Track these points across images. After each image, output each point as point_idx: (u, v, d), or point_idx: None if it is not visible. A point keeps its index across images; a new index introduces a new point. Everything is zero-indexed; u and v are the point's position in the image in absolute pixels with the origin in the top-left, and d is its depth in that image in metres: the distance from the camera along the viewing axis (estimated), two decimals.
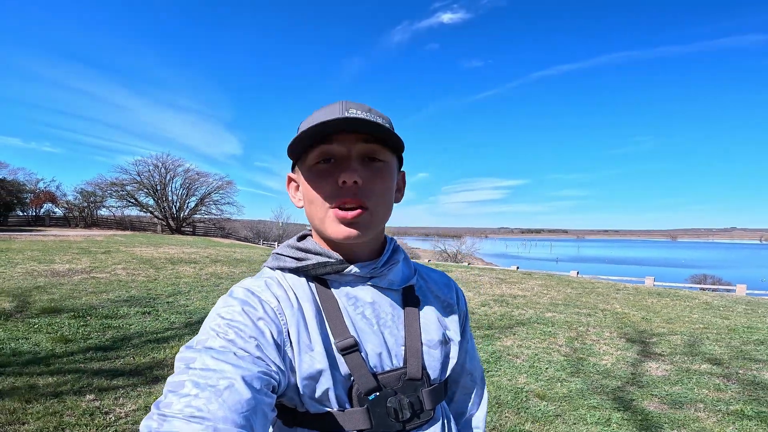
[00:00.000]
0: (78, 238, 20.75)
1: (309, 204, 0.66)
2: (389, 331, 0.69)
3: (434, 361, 0.71)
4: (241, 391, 0.50)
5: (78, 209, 38.88)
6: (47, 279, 7.78)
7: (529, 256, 61.58)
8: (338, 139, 0.63)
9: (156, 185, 39.91)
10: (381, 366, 0.66)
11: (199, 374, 0.50)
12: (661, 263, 48.24)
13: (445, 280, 0.84)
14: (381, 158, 0.66)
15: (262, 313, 0.61)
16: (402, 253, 0.76)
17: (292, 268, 0.69)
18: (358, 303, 0.68)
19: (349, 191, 0.62)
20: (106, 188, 38.85)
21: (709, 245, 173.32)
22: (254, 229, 48.35)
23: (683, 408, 2.99)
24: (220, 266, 10.90)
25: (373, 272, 0.69)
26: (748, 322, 5.99)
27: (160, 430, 0.45)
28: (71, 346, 3.86)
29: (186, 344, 0.57)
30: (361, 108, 0.64)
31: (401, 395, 0.66)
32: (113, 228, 37.12)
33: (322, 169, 0.64)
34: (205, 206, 42.35)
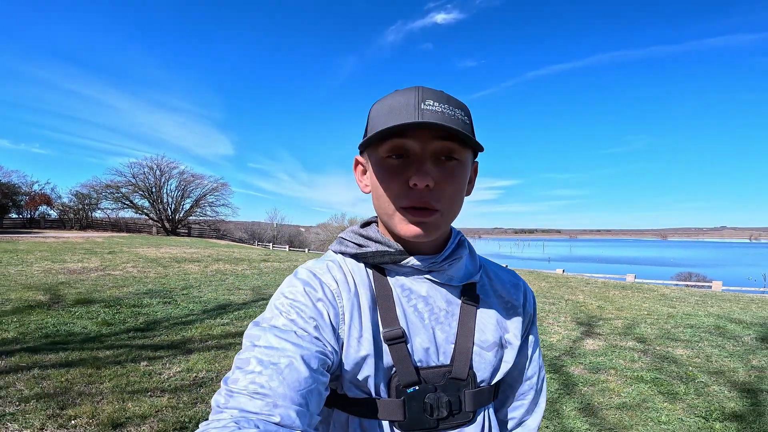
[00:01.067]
0: (78, 239, 21.35)
1: (376, 197, 0.65)
2: (441, 327, 0.67)
3: (484, 363, 0.69)
4: (300, 370, 0.52)
5: (73, 211, 39.20)
6: (67, 276, 8.53)
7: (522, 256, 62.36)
8: (413, 135, 0.60)
9: (151, 187, 40.23)
10: (426, 361, 0.66)
11: (263, 352, 0.53)
12: (650, 262, 49.27)
13: (514, 280, 0.80)
14: (456, 157, 0.62)
15: (321, 295, 0.63)
16: (467, 249, 0.74)
17: (352, 253, 0.69)
18: (412, 295, 0.68)
19: (419, 194, 0.60)
20: (101, 190, 39.15)
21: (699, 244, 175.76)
22: (249, 230, 48.83)
23: (598, 373, 3.79)
24: (222, 264, 11.69)
25: (432, 266, 0.68)
26: (692, 310, 6.89)
27: (227, 405, 0.49)
28: (113, 329, 4.67)
29: (254, 321, 0.60)
30: (437, 98, 0.60)
31: (441, 393, 0.65)
32: (108, 230, 37.48)
33: (393, 165, 0.62)
34: (200, 208, 42.74)
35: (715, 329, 5.37)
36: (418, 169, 0.59)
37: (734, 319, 6.05)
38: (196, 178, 42.30)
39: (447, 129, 0.57)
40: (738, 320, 5.95)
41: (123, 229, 38.70)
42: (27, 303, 5.67)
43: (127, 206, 40.79)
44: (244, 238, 43.02)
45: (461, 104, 0.63)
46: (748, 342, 4.74)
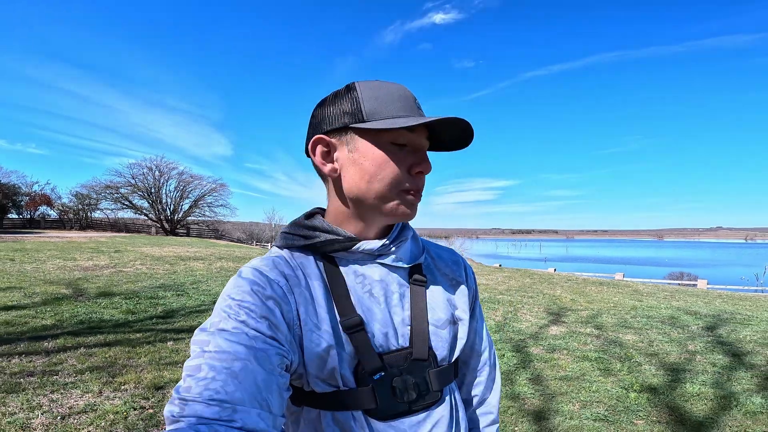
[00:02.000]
0: (82, 239, 21.89)
1: (372, 178, 0.65)
2: (395, 310, 0.68)
3: (441, 342, 0.70)
4: (256, 372, 0.51)
5: (73, 211, 39.67)
6: (82, 272, 9.14)
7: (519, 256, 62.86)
8: (416, 131, 0.65)
9: (150, 188, 40.65)
10: (387, 345, 0.66)
11: (214, 357, 0.51)
12: (645, 262, 49.92)
13: (454, 257, 0.82)
14: (428, 150, 0.70)
15: (270, 293, 0.60)
16: (410, 231, 0.75)
17: (299, 245, 0.68)
18: (366, 281, 0.68)
19: (420, 181, 0.67)
20: (101, 191, 39.57)
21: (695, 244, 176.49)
22: (247, 230, 49.34)
23: (553, 353, 4.42)
24: (225, 262, 12.33)
25: (381, 250, 0.68)
26: (656, 303, 7.57)
27: (182, 414, 0.47)
28: (137, 316, 5.30)
29: (200, 326, 0.58)
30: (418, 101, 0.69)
31: (407, 376, 0.65)
32: (108, 230, 37.96)
33: (398, 153, 0.65)
34: (198, 208, 43.19)
35: (669, 319, 6.05)
36: (424, 159, 0.66)
37: (691, 311, 6.73)
38: (195, 178, 42.80)
39: (469, 130, 0.66)
40: (694, 312, 6.63)
41: (122, 229, 39.17)
42: (53, 296, 6.30)
43: (127, 207, 41.22)
44: (243, 239, 43.52)
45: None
46: (693, 330, 5.41)
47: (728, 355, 4.28)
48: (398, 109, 0.64)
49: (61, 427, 2.45)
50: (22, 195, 38.39)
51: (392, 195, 0.66)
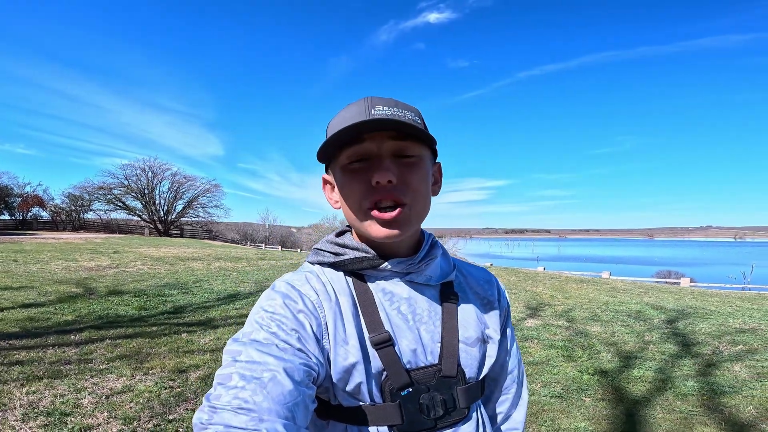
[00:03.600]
0: (78, 240, 22.16)
1: (343, 204, 0.67)
2: (425, 327, 0.68)
3: (471, 359, 0.70)
4: (284, 383, 0.52)
5: (65, 213, 39.71)
6: (87, 272, 9.56)
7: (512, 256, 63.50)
8: (369, 138, 0.62)
9: (144, 189, 40.71)
10: (415, 362, 0.66)
11: (245, 366, 0.53)
12: (636, 261, 50.75)
13: (487, 276, 0.82)
14: (413, 153, 0.65)
15: (302, 306, 0.63)
16: (440, 249, 0.75)
17: (330, 262, 0.70)
18: (394, 298, 0.69)
19: (383, 190, 0.62)
20: (94, 192, 39.59)
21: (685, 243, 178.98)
22: (241, 231, 49.55)
23: (526, 342, 4.94)
24: (223, 262, 12.78)
25: (409, 268, 0.69)
26: (628, 299, 8.15)
27: (210, 422, 0.49)
28: (149, 312, 5.78)
29: (233, 337, 0.60)
30: (386, 104, 0.64)
31: (434, 392, 0.66)
32: (101, 231, 38.06)
33: (355, 169, 0.64)
34: (192, 209, 43.41)
35: (636, 313, 6.63)
36: (378, 166, 0.62)
37: (658, 306, 7.32)
38: (189, 179, 42.98)
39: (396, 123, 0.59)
40: (660, 307, 7.21)
41: (115, 230, 39.28)
42: (66, 294, 6.75)
43: (120, 208, 41.27)
44: (237, 239, 43.71)
45: (411, 107, 0.67)
46: (654, 323, 5.98)
47: (678, 345, 4.85)
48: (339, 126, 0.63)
49: (107, 404, 2.93)
50: (15, 196, 38.40)
51: (360, 216, 0.65)
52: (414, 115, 0.66)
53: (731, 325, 5.79)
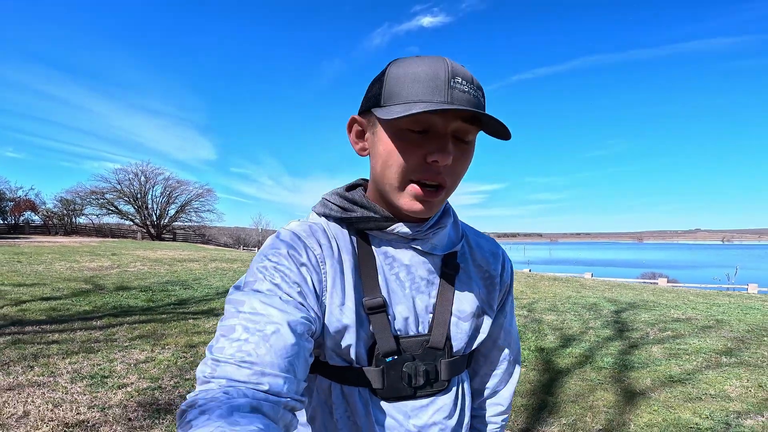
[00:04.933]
0: (74, 244, 22.61)
1: (384, 165, 0.63)
2: (421, 297, 0.68)
3: (461, 333, 0.71)
4: (286, 337, 0.52)
5: (57, 217, 39.95)
6: (91, 272, 10.20)
7: None
8: (445, 115, 0.59)
9: (136, 193, 41.11)
10: (405, 330, 0.67)
11: (249, 318, 0.53)
12: (624, 264, 51.83)
13: (494, 248, 0.80)
14: (470, 139, 0.63)
15: (305, 260, 0.62)
16: (451, 217, 0.74)
17: (336, 217, 0.69)
18: (395, 263, 0.68)
19: (435, 170, 0.61)
20: (86, 196, 39.96)
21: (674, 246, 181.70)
22: (234, 235, 50.03)
23: None
24: (219, 263, 13.46)
25: (416, 234, 0.67)
26: (590, 294, 8.97)
27: (214, 375, 0.49)
28: (157, 304, 6.49)
29: (235, 284, 0.60)
30: (465, 77, 0.59)
31: (419, 362, 0.67)
32: (93, 235, 38.31)
33: (413, 138, 0.60)
34: (185, 214, 43.82)
35: (591, 305, 7.44)
36: (442, 148, 0.59)
37: (613, 299, 8.14)
38: (182, 184, 43.46)
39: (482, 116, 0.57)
40: (615, 300, 8.04)
41: (107, 234, 39.57)
42: (78, 290, 7.42)
43: (112, 212, 41.64)
44: (229, 243, 44.21)
45: (481, 86, 0.63)
46: (603, 313, 6.79)
47: (614, 330, 5.66)
48: (418, 92, 0.58)
49: (136, 369, 3.66)
50: (7, 200, 38.58)
51: (400, 185, 0.62)
52: (483, 97, 0.63)
53: (670, 315, 6.62)
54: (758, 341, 4.92)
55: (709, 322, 6.06)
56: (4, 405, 2.81)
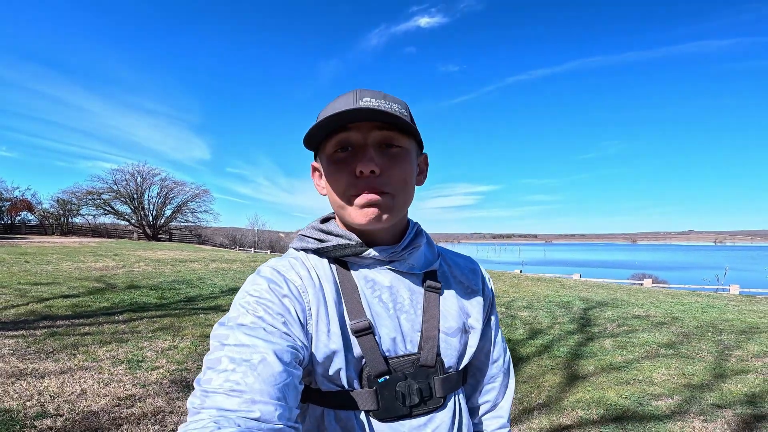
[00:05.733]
0: (73, 244, 23.08)
1: (329, 191, 0.68)
2: (406, 316, 0.70)
3: (451, 349, 0.72)
4: (274, 365, 0.54)
5: (54, 217, 40.25)
6: (99, 272, 10.80)
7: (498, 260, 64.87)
8: (354, 128, 0.64)
9: (133, 194, 41.57)
10: (394, 350, 0.68)
11: (234, 350, 0.54)
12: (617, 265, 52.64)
13: (471, 265, 0.83)
14: (398, 144, 0.66)
15: (287, 291, 0.64)
16: (424, 237, 0.77)
17: (313, 249, 0.71)
18: (376, 286, 0.70)
19: (366, 181, 0.64)
20: (83, 197, 40.32)
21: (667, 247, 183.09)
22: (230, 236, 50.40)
23: None
24: (219, 263, 14.10)
25: (392, 256, 0.70)
26: (568, 293, 9.70)
27: (203, 405, 0.50)
28: (168, 301, 7.13)
29: (219, 321, 0.61)
30: (375, 96, 0.65)
31: (411, 381, 0.68)
32: (89, 235, 38.66)
33: (340, 158, 0.65)
34: (181, 214, 44.27)
35: (564, 303, 8.17)
36: (362, 156, 0.63)
37: (585, 298, 8.87)
38: (178, 184, 43.95)
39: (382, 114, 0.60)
40: (587, 299, 8.76)
41: (104, 234, 39.89)
42: (92, 288, 8.05)
43: (108, 212, 41.96)
44: (226, 244, 44.58)
45: (399, 100, 0.68)
46: (573, 311, 7.51)
47: (578, 325, 6.37)
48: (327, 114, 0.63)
49: (163, 355, 4.32)
50: (3, 200, 38.84)
51: (343, 203, 0.66)
52: (401, 108, 0.67)
53: (632, 313, 7.35)
54: (701, 336, 5.63)
55: (665, 319, 6.79)
56: (63, 385, 3.46)
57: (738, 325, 6.32)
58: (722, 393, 3.60)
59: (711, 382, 3.88)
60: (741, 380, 3.89)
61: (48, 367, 3.81)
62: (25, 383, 3.41)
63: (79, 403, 3.14)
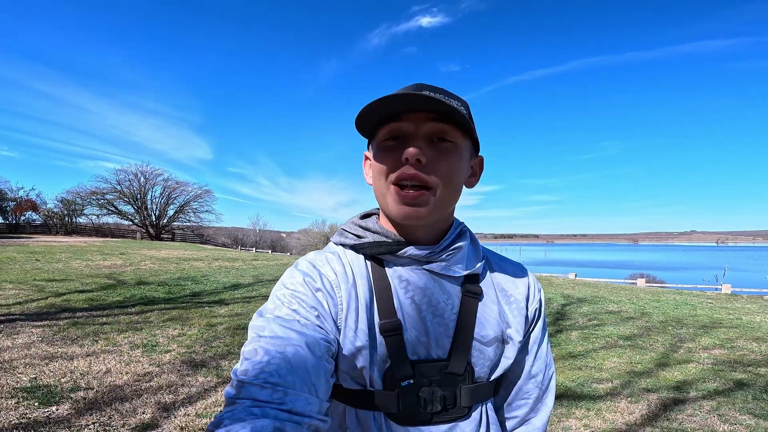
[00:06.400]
0: (80, 243, 23.65)
1: (374, 180, 0.68)
2: (439, 320, 0.68)
3: (483, 359, 0.70)
4: (307, 358, 0.55)
5: (58, 217, 40.86)
6: (108, 270, 11.37)
7: None
8: (407, 118, 0.63)
9: (136, 194, 42.15)
10: (422, 354, 0.67)
11: (269, 342, 0.56)
12: (618, 266, 52.95)
13: (520, 273, 0.79)
14: (450, 139, 0.65)
15: (320, 285, 0.65)
16: (468, 239, 0.74)
17: (350, 244, 0.71)
18: (410, 286, 0.68)
19: (410, 168, 0.62)
20: (87, 197, 40.91)
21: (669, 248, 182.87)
22: (231, 235, 50.95)
23: None
24: (221, 262, 14.70)
25: (430, 257, 0.68)
26: (553, 290, 10.25)
27: (239, 396, 0.52)
28: (175, 295, 7.72)
29: (257, 311, 0.64)
30: (434, 90, 0.65)
31: (436, 387, 0.66)
32: (93, 235, 39.22)
33: (389, 146, 0.65)
34: (184, 214, 44.84)
35: (546, 300, 8.62)
36: (410, 144, 0.63)
37: (567, 295, 9.41)
38: (181, 185, 44.54)
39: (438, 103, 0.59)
40: (568, 296, 9.31)
41: (107, 234, 40.41)
42: (103, 284, 8.62)
43: (112, 212, 42.54)
44: (227, 243, 45.07)
45: (460, 97, 0.68)
46: (553, 306, 8.06)
47: (553, 319, 6.93)
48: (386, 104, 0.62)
49: (174, 341, 4.89)
50: (8, 200, 39.45)
51: (385, 190, 0.66)
52: (460, 104, 0.66)
53: (606, 308, 7.88)
54: (662, 330, 6.13)
55: (635, 314, 7.33)
56: (90, 365, 4.02)
57: (702, 321, 6.82)
58: (657, 379, 4.06)
59: (652, 369, 4.37)
60: (680, 369, 4.36)
61: (75, 351, 4.37)
62: (57, 364, 3.97)
63: (105, 379, 3.70)
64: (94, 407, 3.13)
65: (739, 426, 3.03)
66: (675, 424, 3.09)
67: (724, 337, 5.65)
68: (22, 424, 2.78)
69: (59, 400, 3.22)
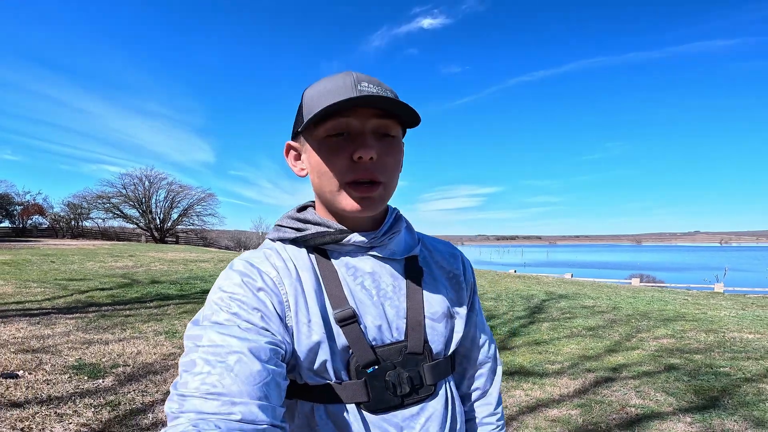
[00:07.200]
0: (89, 246, 24.32)
1: (319, 177, 0.67)
2: (390, 302, 0.69)
3: (437, 335, 0.72)
4: (251, 364, 0.53)
5: (65, 221, 41.65)
6: (122, 270, 12.11)
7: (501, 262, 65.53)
8: (353, 114, 0.63)
9: (141, 198, 42.90)
10: (381, 339, 0.67)
11: (208, 351, 0.53)
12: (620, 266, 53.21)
13: (451, 250, 0.83)
14: (392, 133, 0.66)
15: (261, 284, 0.63)
16: (404, 223, 0.76)
17: (291, 238, 0.70)
18: (358, 273, 0.69)
19: (363, 167, 0.63)
20: (93, 201, 41.71)
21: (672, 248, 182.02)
22: (234, 238, 51.59)
23: None
24: (227, 263, 15.33)
25: (373, 242, 0.69)
26: (539, 288, 10.92)
27: (181, 410, 0.49)
28: (187, 292, 8.45)
29: (192, 320, 0.60)
30: (371, 82, 0.65)
31: (401, 369, 0.67)
32: (99, 238, 39.78)
33: (335, 143, 0.64)
34: (188, 217, 45.56)
35: (528, 296, 9.40)
36: (362, 143, 0.62)
37: (551, 292, 10.09)
38: (184, 188, 45.15)
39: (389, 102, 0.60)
40: (551, 293, 9.98)
41: (113, 237, 40.92)
42: (120, 283, 9.37)
43: (118, 216, 43.22)
44: (230, 246, 45.69)
45: (390, 87, 0.68)
46: (534, 302, 8.73)
47: (530, 312, 7.61)
48: (328, 100, 0.61)
49: None
50: (15, 204, 40.24)
51: (336, 189, 0.65)
52: (395, 95, 0.67)
53: (582, 304, 8.56)
54: (625, 323, 6.70)
55: (606, 309, 8.00)
56: (123, 348, 4.75)
57: (667, 315, 7.45)
58: (601, 362, 4.62)
59: (600, 354, 4.98)
60: (624, 354, 4.92)
61: (108, 338, 5.12)
62: (95, 348, 4.71)
63: (137, 358, 4.43)
64: (133, 379, 3.86)
65: (649, 401, 3.58)
66: (599, 396, 3.69)
67: (679, 328, 6.21)
68: (78, 393, 3.51)
69: (104, 374, 3.95)
